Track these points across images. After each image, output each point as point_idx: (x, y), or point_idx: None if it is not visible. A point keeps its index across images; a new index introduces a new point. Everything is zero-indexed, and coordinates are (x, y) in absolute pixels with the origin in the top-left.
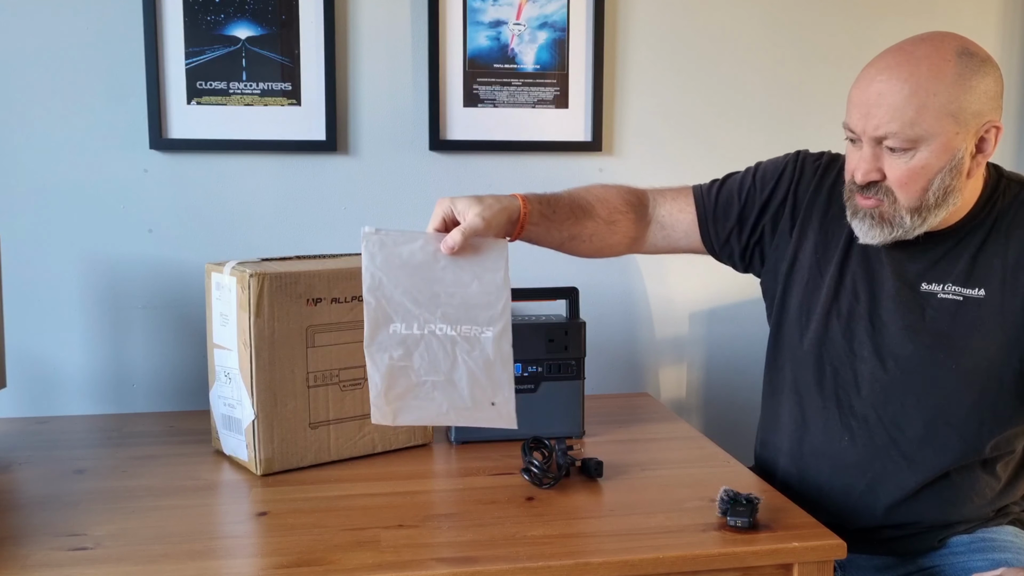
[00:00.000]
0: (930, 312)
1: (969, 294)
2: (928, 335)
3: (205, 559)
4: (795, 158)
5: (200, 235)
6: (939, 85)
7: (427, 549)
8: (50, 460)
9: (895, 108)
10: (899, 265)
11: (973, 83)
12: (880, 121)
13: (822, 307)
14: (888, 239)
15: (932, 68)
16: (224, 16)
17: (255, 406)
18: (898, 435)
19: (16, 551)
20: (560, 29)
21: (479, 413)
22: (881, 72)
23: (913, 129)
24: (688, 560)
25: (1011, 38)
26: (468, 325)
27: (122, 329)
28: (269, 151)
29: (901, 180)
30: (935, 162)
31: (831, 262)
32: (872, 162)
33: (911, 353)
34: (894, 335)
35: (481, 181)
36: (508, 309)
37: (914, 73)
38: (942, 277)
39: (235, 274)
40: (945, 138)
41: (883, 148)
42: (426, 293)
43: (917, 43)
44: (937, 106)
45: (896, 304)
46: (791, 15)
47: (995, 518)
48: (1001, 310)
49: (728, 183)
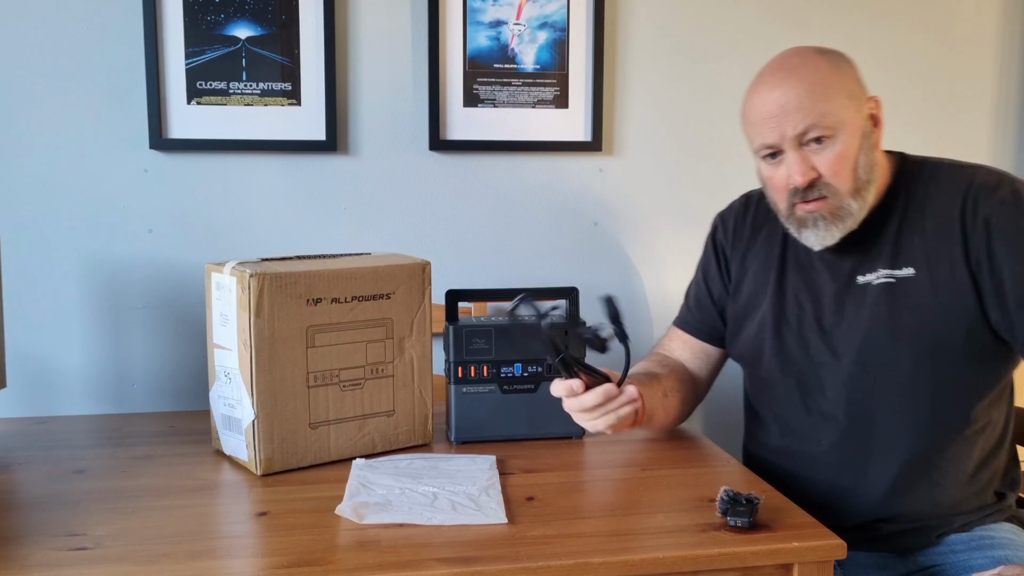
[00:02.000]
0: (869, 301)
1: (900, 275)
2: (873, 324)
3: (205, 559)
4: (712, 229)
5: (200, 235)
6: (825, 76)
7: (427, 549)
8: (50, 460)
9: (802, 107)
10: (832, 266)
11: (844, 68)
12: (796, 120)
13: (771, 327)
14: (839, 236)
15: (811, 68)
16: (224, 16)
17: (255, 406)
18: (871, 427)
19: (16, 551)
20: (560, 29)
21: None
22: (772, 89)
23: (827, 118)
24: (688, 560)
25: (1011, 38)
26: (452, 487)
27: (122, 329)
28: (269, 151)
29: (834, 168)
30: (853, 142)
31: (769, 282)
32: (803, 162)
33: (862, 345)
34: (843, 332)
35: (481, 181)
36: (496, 479)
37: (801, 76)
38: (873, 265)
39: (235, 274)
40: (852, 119)
41: (806, 148)
42: (408, 474)
43: (783, 59)
44: (834, 92)
45: (838, 303)
46: (790, 15)
47: (992, 514)
48: (931, 283)
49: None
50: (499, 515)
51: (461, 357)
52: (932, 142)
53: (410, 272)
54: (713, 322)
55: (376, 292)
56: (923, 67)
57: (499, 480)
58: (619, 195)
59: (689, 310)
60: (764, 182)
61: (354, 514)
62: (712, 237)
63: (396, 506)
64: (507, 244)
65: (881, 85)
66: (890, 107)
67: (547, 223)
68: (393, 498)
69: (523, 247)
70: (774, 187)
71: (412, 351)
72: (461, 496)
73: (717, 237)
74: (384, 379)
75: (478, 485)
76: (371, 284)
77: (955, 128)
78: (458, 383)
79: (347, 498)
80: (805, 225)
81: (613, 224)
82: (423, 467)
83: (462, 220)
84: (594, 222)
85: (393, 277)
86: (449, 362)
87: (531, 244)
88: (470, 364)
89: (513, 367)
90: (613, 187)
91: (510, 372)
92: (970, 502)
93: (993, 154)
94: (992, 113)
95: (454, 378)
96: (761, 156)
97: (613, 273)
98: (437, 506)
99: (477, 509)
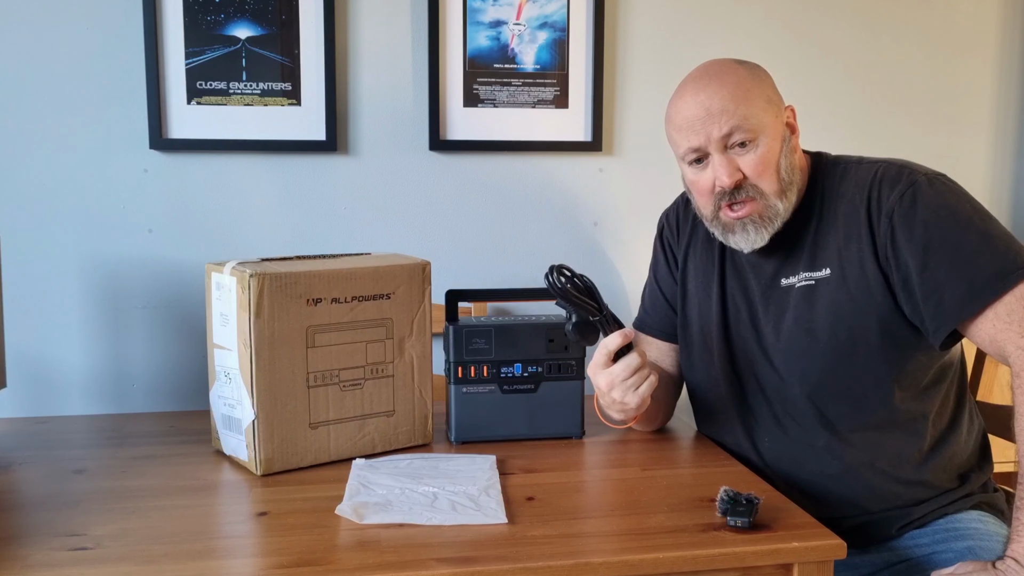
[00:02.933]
0: (792, 303)
1: (818, 276)
2: (795, 326)
3: (205, 559)
4: (658, 229)
5: (200, 235)
6: (746, 82)
7: (427, 549)
8: (50, 460)
9: (726, 109)
10: (758, 270)
11: (761, 76)
12: (720, 123)
13: (717, 325)
14: (768, 237)
15: (731, 75)
16: (224, 16)
17: (255, 406)
18: (805, 425)
19: (16, 551)
20: (560, 29)
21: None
22: (696, 93)
23: (749, 120)
24: (688, 560)
25: (1011, 44)
26: (452, 487)
27: (122, 329)
28: (269, 151)
29: (759, 170)
30: (775, 146)
31: (713, 282)
32: (729, 164)
33: (787, 346)
34: (771, 334)
35: (481, 181)
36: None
37: (723, 82)
38: (794, 269)
39: (235, 274)
40: (772, 123)
41: (730, 151)
42: (408, 474)
43: (705, 69)
44: (755, 96)
45: (766, 306)
46: (790, 15)
47: (956, 502)
48: (844, 281)
49: (647, 299)
50: (499, 515)
51: (461, 357)
52: (931, 147)
53: (410, 272)
54: (671, 320)
55: (376, 292)
56: (922, 71)
57: (499, 480)
58: (619, 195)
59: (646, 312)
60: (689, 187)
61: (354, 514)
62: (660, 236)
63: (396, 506)
64: (507, 244)
65: (879, 89)
66: (889, 112)
67: (547, 223)
68: (393, 498)
69: (523, 247)
70: (699, 191)
71: (412, 351)
72: (461, 496)
73: (664, 236)
74: (384, 379)
75: (478, 485)
76: (371, 284)
77: (955, 133)
78: (458, 383)
79: (347, 498)
80: (732, 230)
81: (613, 224)
82: (423, 467)
83: (462, 220)
84: (594, 222)
85: (393, 277)
86: (449, 362)
87: (531, 244)
88: (470, 364)
89: (513, 367)
90: (613, 187)
91: (510, 372)
92: (926, 489)
93: (992, 160)
94: (992, 119)
95: (454, 378)
96: (687, 161)
97: (613, 273)
98: (437, 506)
99: (477, 509)
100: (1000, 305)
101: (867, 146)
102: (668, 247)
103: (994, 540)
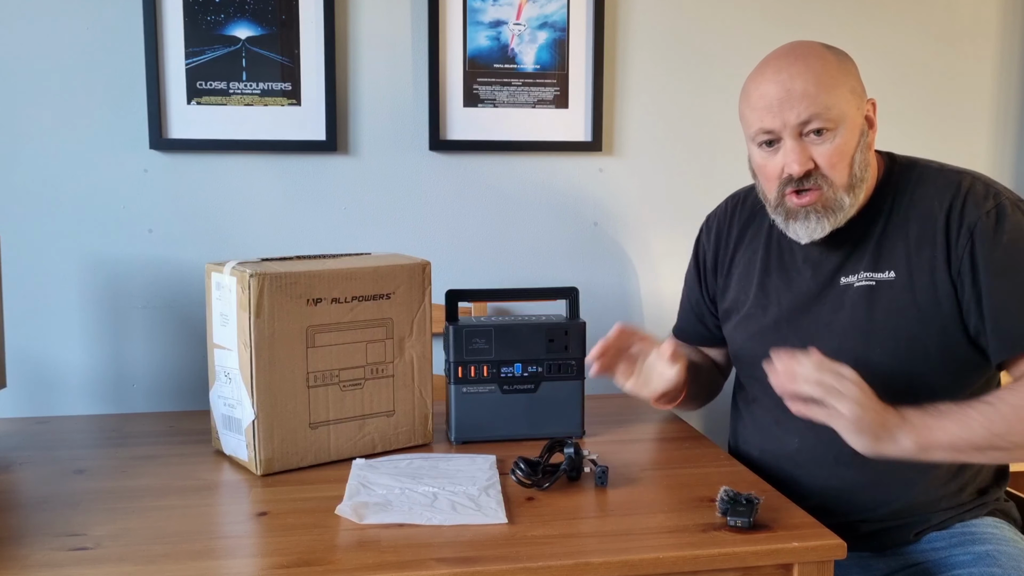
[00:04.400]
0: (848, 303)
1: (880, 278)
2: (851, 326)
3: (205, 559)
4: (699, 234)
5: (200, 235)
6: (833, 69)
7: (427, 549)
8: (50, 460)
9: (808, 94)
10: (816, 265)
11: (848, 67)
12: (800, 109)
13: (756, 325)
14: (829, 229)
15: (819, 59)
16: (224, 16)
17: (255, 406)
18: None
19: (16, 551)
20: (560, 29)
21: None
22: (778, 72)
23: (831, 110)
24: (688, 560)
25: (1011, 39)
26: (452, 487)
27: (122, 329)
28: (269, 151)
29: (832, 161)
30: (852, 139)
31: (752, 284)
32: (802, 152)
33: (838, 347)
34: (821, 334)
35: (481, 181)
36: (496, 479)
37: (809, 65)
38: (855, 267)
39: (235, 274)
40: (852, 115)
41: (805, 138)
42: (408, 474)
43: (790, 49)
44: (839, 85)
45: (818, 304)
46: (791, 14)
47: (973, 509)
48: (911, 287)
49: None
50: (499, 515)
51: (461, 357)
52: (931, 143)
53: (410, 272)
54: (700, 328)
55: (376, 292)
56: (923, 68)
57: (499, 480)
58: (619, 195)
59: (681, 318)
60: (756, 170)
61: (354, 514)
62: (697, 241)
63: (396, 506)
64: (507, 244)
65: (881, 86)
66: (890, 108)
67: (547, 223)
68: (393, 498)
69: (523, 247)
70: (766, 176)
71: (412, 351)
72: (461, 496)
73: (701, 242)
74: (384, 379)
75: (478, 485)
76: (371, 284)
77: (955, 130)
78: (458, 383)
79: (347, 498)
80: (795, 217)
81: (613, 224)
82: (423, 467)
83: (462, 220)
84: (594, 222)
85: (393, 277)
86: (449, 362)
87: (531, 244)
88: (470, 364)
89: (513, 367)
90: (613, 187)
91: (510, 372)
92: (949, 500)
93: (993, 157)
94: (992, 115)
95: (454, 378)
96: (757, 143)
97: (613, 273)
98: (437, 506)
99: (477, 509)
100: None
101: None
102: (703, 254)
103: (1011, 545)
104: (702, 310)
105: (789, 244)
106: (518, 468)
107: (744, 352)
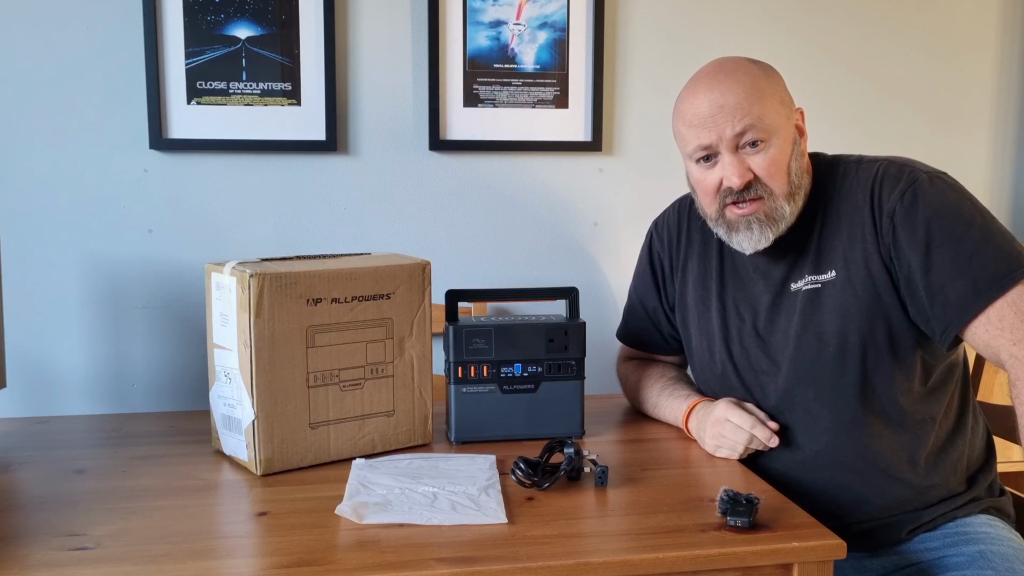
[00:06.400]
0: (799, 308)
1: (823, 279)
2: (803, 330)
3: (205, 559)
4: (648, 237)
5: (200, 235)
6: (761, 82)
7: (427, 549)
8: (50, 460)
9: (740, 107)
10: (766, 275)
11: (775, 79)
12: (734, 122)
13: (719, 336)
14: (772, 238)
15: (746, 73)
16: (224, 16)
17: (255, 406)
18: (813, 431)
19: (16, 551)
20: (560, 29)
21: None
22: (711, 90)
23: (764, 120)
24: (688, 560)
25: (1012, 38)
26: (452, 487)
27: (122, 329)
28: (269, 151)
29: (770, 171)
30: (786, 148)
31: (711, 293)
32: (740, 164)
33: (795, 352)
34: (779, 341)
35: (481, 181)
36: (496, 479)
37: (738, 80)
38: (801, 272)
39: (235, 274)
40: (784, 125)
41: (742, 151)
42: (408, 474)
43: (719, 65)
44: (768, 96)
45: (773, 312)
46: (791, 14)
47: (965, 505)
48: (850, 283)
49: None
50: (499, 515)
51: (461, 357)
52: (932, 144)
53: (410, 272)
54: (656, 336)
55: (376, 292)
56: (923, 68)
57: (499, 480)
58: (619, 195)
59: (632, 325)
60: (694, 185)
61: (354, 514)
62: (648, 247)
63: (396, 506)
64: (507, 244)
65: (881, 86)
66: (890, 108)
67: (547, 223)
68: (393, 498)
69: (523, 247)
70: (704, 190)
71: (412, 351)
72: (461, 496)
73: (653, 248)
74: (384, 379)
75: (478, 485)
76: (371, 284)
77: (955, 130)
78: (458, 383)
79: (347, 498)
80: (736, 229)
81: (613, 224)
82: (423, 467)
83: (462, 220)
84: (594, 222)
85: (393, 277)
86: (449, 362)
87: (531, 244)
88: (470, 364)
89: (513, 367)
90: (613, 187)
91: (510, 372)
92: (935, 492)
93: (992, 160)
94: (992, 115)
95: (454, 378)
96: (695, 159)
97: (613, 273)
98: (437, 506)
99: (477, 509)
100: (992, 310)
101: (867, 145)
102: (657, 259)
103: (1004, 544)
104: (659, 317)
105: (742, 256)
106: (518, 468)
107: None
